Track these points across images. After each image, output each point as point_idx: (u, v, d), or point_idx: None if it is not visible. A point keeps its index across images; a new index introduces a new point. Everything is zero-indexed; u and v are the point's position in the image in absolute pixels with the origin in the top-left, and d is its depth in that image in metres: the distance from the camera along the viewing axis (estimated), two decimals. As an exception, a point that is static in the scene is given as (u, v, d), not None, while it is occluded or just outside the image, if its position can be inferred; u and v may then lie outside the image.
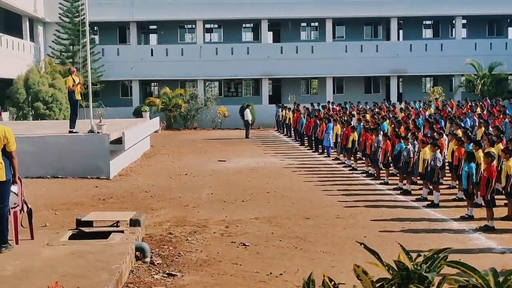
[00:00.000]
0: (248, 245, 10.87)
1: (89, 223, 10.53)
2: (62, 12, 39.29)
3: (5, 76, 34.29)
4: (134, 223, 10.43)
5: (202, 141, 31.79)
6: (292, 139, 32.16)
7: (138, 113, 37.61)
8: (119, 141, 19.56)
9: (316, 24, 47.18)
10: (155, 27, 46.96)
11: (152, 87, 48.06)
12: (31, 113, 33.68)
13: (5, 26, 38.31)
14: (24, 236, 9.46)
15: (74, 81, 18.44)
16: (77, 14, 38.46)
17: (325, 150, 25.07)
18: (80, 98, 19.11)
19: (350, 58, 42.63)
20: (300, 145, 29.27)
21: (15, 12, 37.68)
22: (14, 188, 9.00)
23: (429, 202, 14.70)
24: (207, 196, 16.01)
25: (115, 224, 10.45)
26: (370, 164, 19.67)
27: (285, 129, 35.38)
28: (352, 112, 29.98)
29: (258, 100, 43.09)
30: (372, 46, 43.74)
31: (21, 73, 34.86)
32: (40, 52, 41.08)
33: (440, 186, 15.44)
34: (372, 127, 20.35)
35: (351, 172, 20.42)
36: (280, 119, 36.27)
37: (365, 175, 19.54)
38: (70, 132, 19.06)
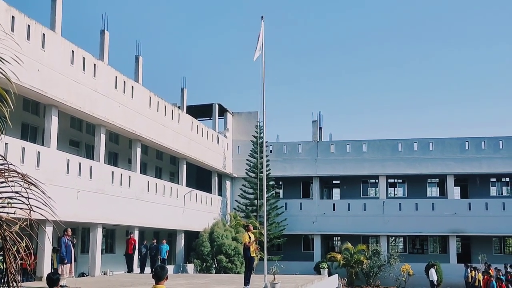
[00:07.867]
0: None
1: None
2: (249, 168, 41.25)
3: (194, 229, 36.00)
4: None
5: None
6: (483, 304, 29.38)
7: (319, 269, 37.01)
8: (293, 299, 19.04)
9: (507, 179, 44.46)
10: (337, 181, 47.26)
11: (334, 241, 47.54)
12: (214, 265, 34.56)
13: (197, 181, 40.87)
14: None
15: (250, 238, 18.57)
16: (262, 169, 40.01)
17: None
18: (256, 255, 19.12)
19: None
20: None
21: (206, 168, 40.14)
22: None
23: None
24: None
25: None
26: None
27: (474, 292, 32.58)
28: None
29: (446, 259, 40.64)
30: None
31: (208, 226, 36.39)
32: (227, 205, 42.87)
33: None
34: None
35: None
36: (470, 280, 33.54)
37: None
38: (244, 288, 18.93)
